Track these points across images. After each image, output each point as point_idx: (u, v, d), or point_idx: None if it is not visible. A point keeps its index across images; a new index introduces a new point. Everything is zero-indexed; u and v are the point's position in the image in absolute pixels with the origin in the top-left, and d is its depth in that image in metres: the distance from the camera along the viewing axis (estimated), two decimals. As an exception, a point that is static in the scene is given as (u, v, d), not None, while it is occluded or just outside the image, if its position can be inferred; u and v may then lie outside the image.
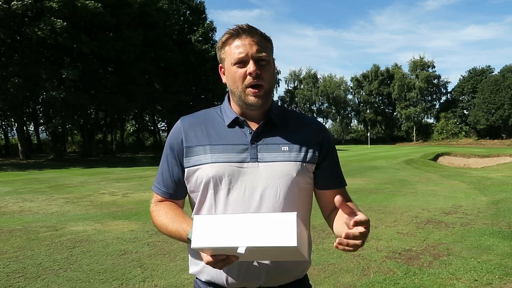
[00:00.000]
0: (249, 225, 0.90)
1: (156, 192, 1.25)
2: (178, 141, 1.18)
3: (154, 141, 43.61)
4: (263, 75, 1.10)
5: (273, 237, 0.88)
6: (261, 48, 1.10)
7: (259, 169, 1.12)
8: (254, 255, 0.98)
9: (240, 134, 1.16)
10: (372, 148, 38.79)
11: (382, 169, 14.80)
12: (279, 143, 1.15)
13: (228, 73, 1.14)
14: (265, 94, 1.12)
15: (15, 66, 20.88)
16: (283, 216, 0.90)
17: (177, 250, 4.42)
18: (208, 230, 0.92)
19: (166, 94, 28.91)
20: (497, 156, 24.28)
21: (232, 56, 1.10)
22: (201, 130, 1.17)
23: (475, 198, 7.89)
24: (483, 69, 56.91)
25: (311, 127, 1.22)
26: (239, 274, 1.12)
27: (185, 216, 1.13)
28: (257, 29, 1.13)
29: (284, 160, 1.13)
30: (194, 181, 1.15)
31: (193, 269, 1.22)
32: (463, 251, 4.32)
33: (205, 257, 0.97)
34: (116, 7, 23.09)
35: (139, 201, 8.04)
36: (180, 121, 1.22)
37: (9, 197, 8.82)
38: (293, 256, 0.96)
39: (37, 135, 34.76)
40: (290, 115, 1.24)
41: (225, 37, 1.13)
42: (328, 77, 66.61)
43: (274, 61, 1.19)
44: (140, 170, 16.47)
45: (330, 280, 3.50)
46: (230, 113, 1.18)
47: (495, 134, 51.00)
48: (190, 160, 1.15)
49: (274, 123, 1.17)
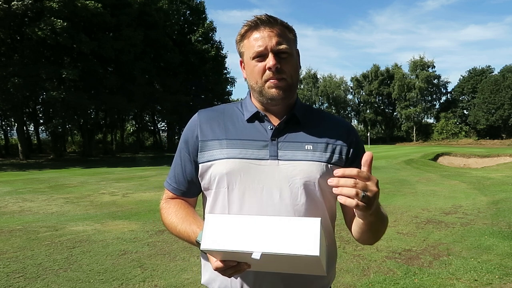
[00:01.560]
0: (267, 229, 0.82)
1: (167, 188, 1.17)
2: (193, 135, 1.10)
3: (154, 141, 43.59)
4: (284, 69, 1.01)
5: (293, 244, 0.79)
6: (282, 39, 1.02)
7: (278, 168, 1.02)
8: (268, 264, 0.88)
9: (260, 129, 1.07)
10: (372, 148, 38.77)
11: (382, 169, 14.79)
12: (302, 141, 1.05)
13: (248, 68, 1.06)
14: (287, 87, 1.03)
15: (15, 66, 20.87)
16: (306, 222, 0.82)
17: (177, 250, 4.42)
18: (221, 231, 0.84)
19: (166, 94, 28.91)
20: (497, 156, 24.26)
21: (251, 49, 1.03)
22: (219, 124, 1.09)
23: (475, 198, 7.89)
24: (483, 69, 56.86)
25: (339, 127, 1.11)
26: (255, 283, 1.02)
27: (196, 217, 1.06)
28: (278, 19, 1.04)
29: (307, 159, 1.03)
30: (208, 177, 1.06)
31: (205, 276, 1.12)
32: (463, 251, 4.32)
33: (213, 262, 0.89)
34: (116, 7, 23.09)
35: (139, 201, 8.04)
36: (197, 115, 1.14)
37: (9, 197, 8.81)
38: (312, 268, 0.88)
39: (37, 135, 34.74)
40: (316, 113, 1.14)
41: (243, 29, 1.05)
42: (328, 77, 66.60)
43: (299, 53, 1.11)
44: (140, 170, 16.46)
45: (330, 280, 3.49)
46: (251, 107, 1.10)
47: (495, 134, 50.97)
48: (205, 155, 1.07)
49: (297, 120, 1.08)
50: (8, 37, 21.44)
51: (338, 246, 4.46)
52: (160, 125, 43.71)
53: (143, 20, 25.17)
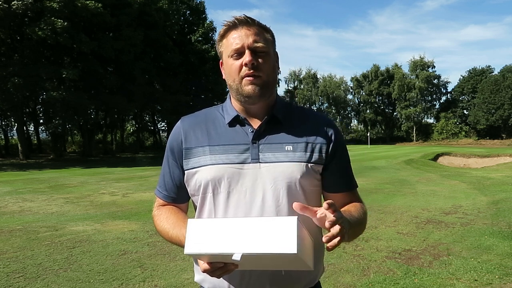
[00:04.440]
0: (246, 230, 0.84)
1: (158, 196, 1.20)
2: (178, 142, 1.12)
3: (154, 141, 43.62)
4: (260, 66, 1.02)
5: (271, 243, 0.81)
6: (259, 38, 1.04)
7: (260, 171, 1.04)
8: (253, 263, 0.90)
9: (241, 133, 1.08)
10: (372, 148, 38.78)
11: (382, 169, 14.79)
12: (282, 142, 1.06)
13: (226, 66, 1.08)
14: (263, 84, 1.03)
15: (15, 66, 20.89)
16: (283, 220, 0.83)
17: (177, 250, 4.41)
18: (202, 235, 0.86)
19: (166, 94, 28.92)
20: (497, 156, 24.27)
21: (229, 48, 1.05)
22: (201, 131, 1.11)
23: (475, 198, 7.88)
24: (483, 69, 56.87)
25: (318, 123, 1.12)
26: (241, 282, 1.05)
27: (186, 221, 1.08)
28: (255, 19, 1.06)
29: (288, 160, 1.05)
30: (193, 184, 1.09)
31: (197, 277, 1.15)
32: (463, 251, 4.31)
33: (201, 265, 0.91)
34: (116, 7, 23.10)
35: (139, 201, 8.04)
36: (180, 122, 1.16)
37: (9, 197, 8.82)
38: (296, 265, 0.90)
39: (37, 135, 34.76)
40: (296, 111, 1.15)
41: (222, 30, 1.07)
42: (328, 77, 66.65)
43: (277, 55, 1.12)
44: (140, 170, 16.47)
45: (330, 280, 3.49)
46: (231, 111, 1.11)
47: (495, 134, 50.98)
48: (190, 162, 1.09)
49: (278, 120, 1.08)
50: (8, 37, 21.47)
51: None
52: (160, 125, 43.79)
53: (143, 20, 25.17)
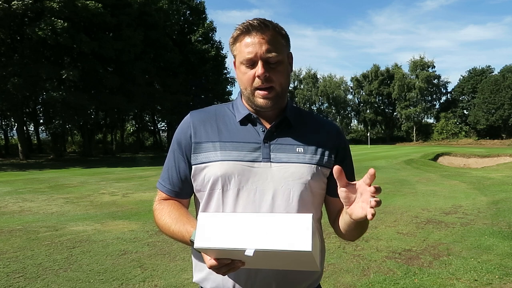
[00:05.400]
0: (260, 226, 0.82)
1: (161, 190, 1.18)
2: (186, 136, 1.11)
3: (154, 141, 43.61)
4: (272, 77, 1.03)
5: (286, 240, 0.80)
6: (272, 47, 1.02)
7: (271, 170, 1.05)
8: (262, 261, 0.89)
9: (253, 132, 1.09)
10: (372, 148, 38.77)
11: (382, 169, 14.79)
12: (293, 144, 1.08)
13: (238, 72, 1.08)
14: (276, 96, 1.05)
15: (15, 66, 20.89)
16: (298, 218, 0.82)
17: (177, 250, 4.42)
18: (214, 229, 0.84)
19: (166, 94, 28.91)
20: (497, 156, 24.27)
21: (242, 55, 1.04)
22: (211, 126, 1.10)
23: (475, 198, 7.88)
24: (483, 69, 56.86)
25: (327, 130, 1.15)
26: (247, 281, 1.04)
27: (190, 217, 1.06)
28: (269, 24, 1.04)
29: (299, 161, 1.06)
30: (201, 179, 1.08)
31: (197, 276, 1.13)
32: (463, 251, 4.32)
33: (207, 260, 0.89)
34: (116, 7, 23.08)
35: (139, 201, 8.04)
36: (190, 116, 1.15)
37: (9, 197, 8.81)
38: (305, 264, 0.88)
39: (37, 135, 34.79)
40: (306, 116, 1.17)
41: (235, 33, 1.06)
42: (328, 77, 66.62)
43: (291, 56, 1.12)
44: (140, 170, 16.46)
45: (330, 280, 3.49)
46: (242, 109, 1.11)
47: (495, 134, 50.97)
48: (198, 157, 1.08)
49: (289, 123, 1.10)
50: (8, 37, 21.47)
51: (338, 246, 4.46)
52: (160, 125, 43.77)
53: (143, 20, 25.16)
